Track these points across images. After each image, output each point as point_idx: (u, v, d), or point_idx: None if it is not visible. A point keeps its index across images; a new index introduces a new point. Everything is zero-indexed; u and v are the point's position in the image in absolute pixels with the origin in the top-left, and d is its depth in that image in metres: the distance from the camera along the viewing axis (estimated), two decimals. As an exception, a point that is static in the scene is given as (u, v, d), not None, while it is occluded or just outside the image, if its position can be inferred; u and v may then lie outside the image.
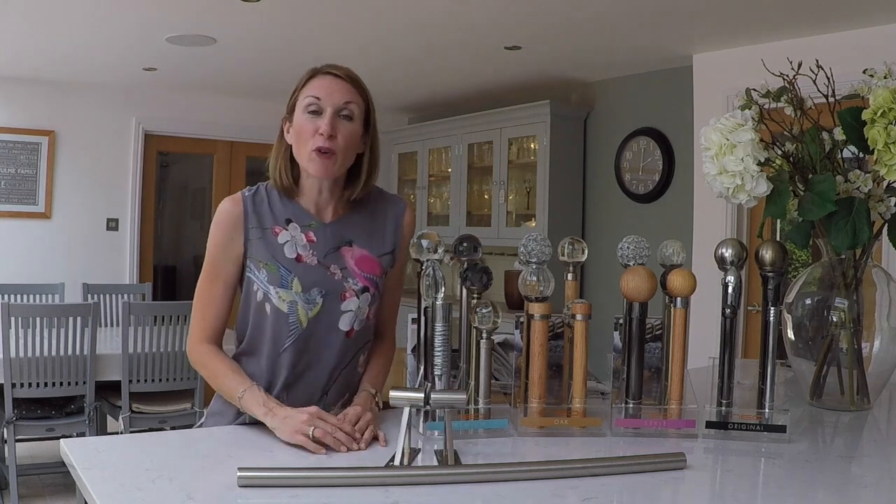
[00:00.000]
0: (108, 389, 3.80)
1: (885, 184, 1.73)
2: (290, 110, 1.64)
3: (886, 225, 1.75)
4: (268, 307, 1.62)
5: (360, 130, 1.63)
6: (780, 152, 1.80)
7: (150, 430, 3.74)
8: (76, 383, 3.64)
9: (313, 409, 1.46)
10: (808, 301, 1.88)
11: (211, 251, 1.65)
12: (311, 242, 1.64)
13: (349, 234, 1.68)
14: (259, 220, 1.63)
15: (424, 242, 1.61)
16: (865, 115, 1.65)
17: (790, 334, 1.88)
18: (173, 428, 3.81)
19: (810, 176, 1.76)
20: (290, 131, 1.64)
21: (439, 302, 1.56)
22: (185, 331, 3.81)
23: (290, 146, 1.64)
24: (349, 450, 1.41)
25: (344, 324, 1.65)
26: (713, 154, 1.68)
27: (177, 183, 7.39)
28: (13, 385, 3.50)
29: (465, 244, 1.67)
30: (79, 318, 3.64)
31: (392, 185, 6.50)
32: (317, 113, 1.58)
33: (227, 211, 1.64)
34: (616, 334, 1.64)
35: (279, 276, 1.61)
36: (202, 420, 1.73)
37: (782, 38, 3.88)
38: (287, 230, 1.64)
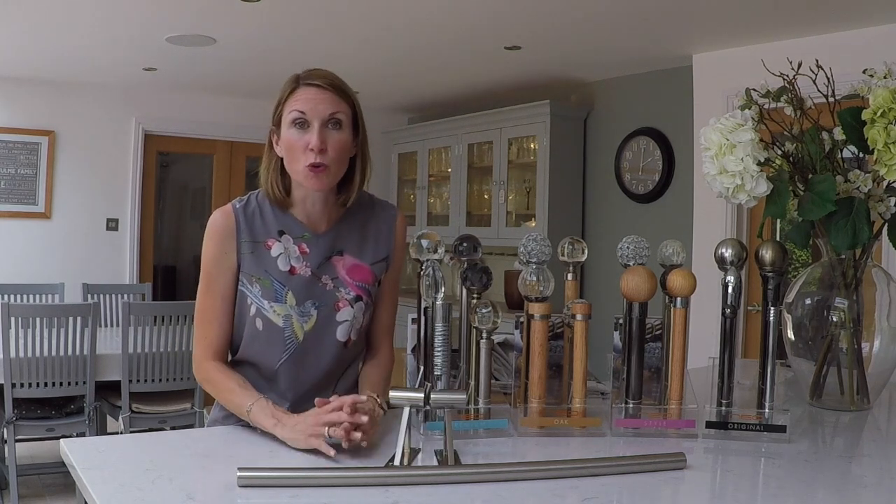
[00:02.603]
0: (108, 389, 3.80)
1: (885, 184, 1.73)
2: (277, 123, 1.60)
3: (886, 225, 1.76)
4: (261, 322, 1.60)
5: (351, 136, 1.60)
6: (780, 152, 1.81)
7: (150, 430, 3.74)
8: (76, 383, 3.64)
9: (314, 410, 1.42)
10: (808, 301, 1.88)
11: (206, 265, 1.62)
12: (304, 254, 1.62)
13: (340, 243, 1.66)
14: (251, 234, 1.61)
15: (424, 242, 1.61)
16: (865, 115, 1.66)
17: (790, 334, 1.88)
18: (173, 428, 3.81)
19: (810, 176, 1.76)
20: (278, 143, 1.61)
21: (439, 302, 1.56)
22: (185, 331, 3.81)
23: (280, 158, 1.61)
24: (362, 438, 1.36)
25: (341, 334, 1.64)
26: (713, 154, 1.68)
27: (177, 183, 7.39)
28: (13, 385, 3.50)
29: (465, 244, 1.67)
30: (79, 318, 3.64)
31: (392, 185, 6.50)
32: (304, 126, 1.55)
33: (218, 223, 1.61)
34: (616, 334, 1.64)
35: (273, 291, 1.60)
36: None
37: (782, 38, 3.88)
38: (280, 242, 1.62)
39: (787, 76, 1.80)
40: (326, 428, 1.37)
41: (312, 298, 1.61)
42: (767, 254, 1.65)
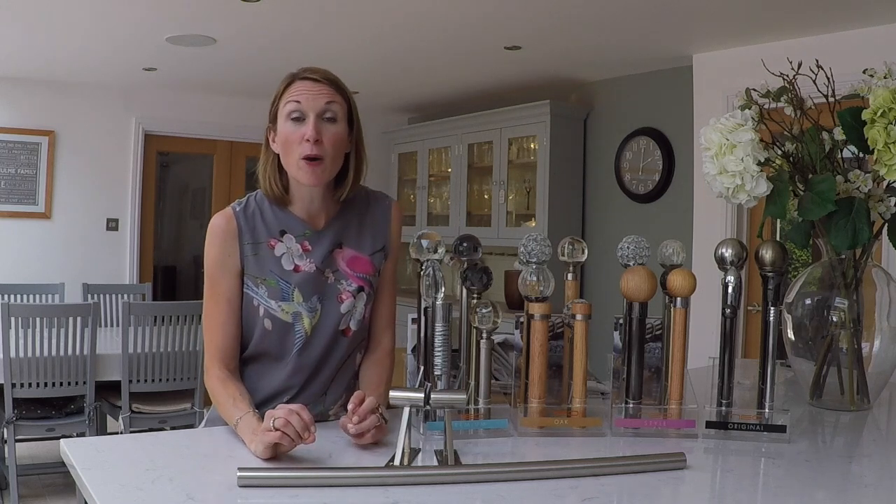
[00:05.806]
0: (108, 389, 3.80)
1: (885, 184, 1.73)
2: (273, 119, 1.62)
3: (886, 225, 1.76)
4: (269, 322, 1.61)
5: (346, 131, 1.61)
6: (780, 152, 1.81)
7: (150, 430, 3.74)
8: (76, 383, 3.64)
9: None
10: (808, 301, 1.88)
11: (209, 269, 1.63)
12: (307, 252, 1.64)
13: (340, 236, 1.67)
14: (253, 236, 1.62)
15: (424, 242, 1.61)
16: (865, 115, 1.66)
17: (790, 334, 1.88)
18: (173, 428, 3.81)
19: (810, 176, 1.76)
20: (275, 140, 1.62)
21: (439, 302, 1.56)
22: (185, 331, 3.80)
23: (277, 155, 1.62)
24: (301, 440, 1.32)
25: (344, 325, 1.66)
26: (713, 154, 1.68)
27: (177, 183, 7.39)
28: (13, 385, 3.50)
29: (465, 244, 1.67)
30: (79, 318, 3.63)
31: (392, 185, 6.50)
32: (300, 119, 1.57)
33: (219, 227, 1.62)
34: (616, 334, 1.64)
35: (279, 290, 1.61)
36: (202, 425, 1.73)
37: (782, 38, 3.88)
38: (282, 242, 1.63)
39: (787, 76, 1.80)
40: (273, 420, 1.32)
41: (318, 293, 1.63)
42: (767, 254, 1.65)
